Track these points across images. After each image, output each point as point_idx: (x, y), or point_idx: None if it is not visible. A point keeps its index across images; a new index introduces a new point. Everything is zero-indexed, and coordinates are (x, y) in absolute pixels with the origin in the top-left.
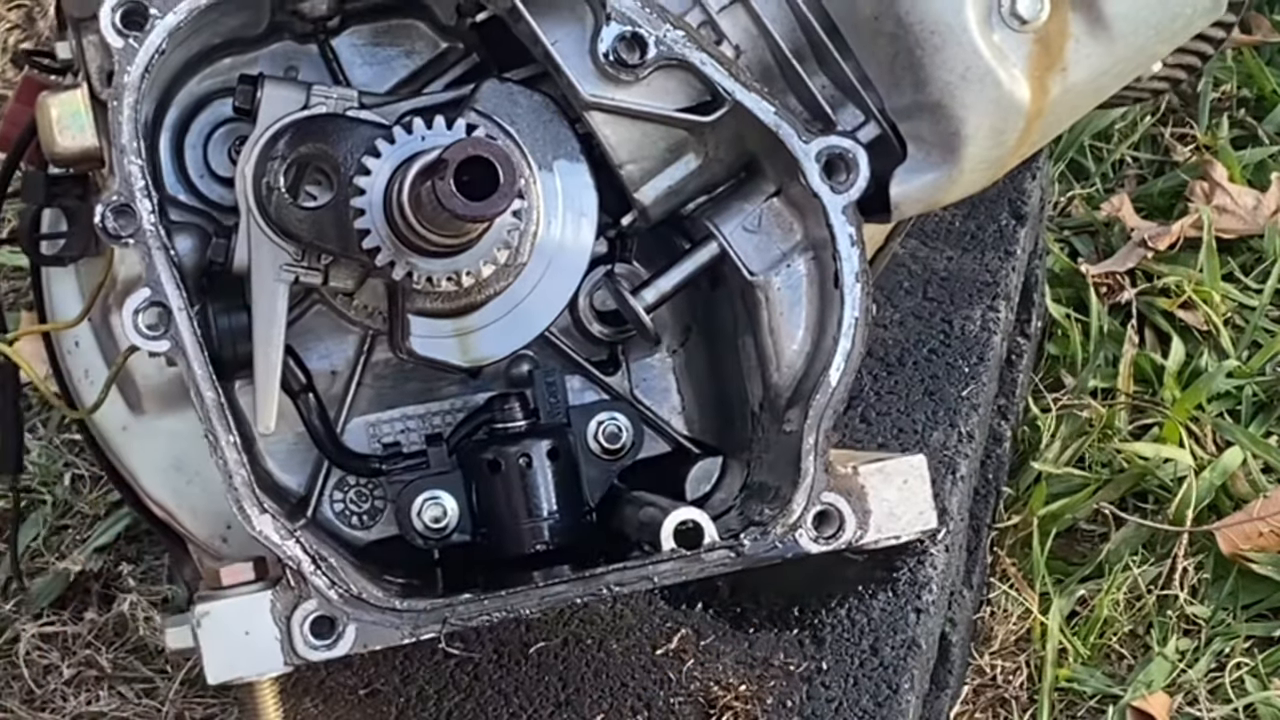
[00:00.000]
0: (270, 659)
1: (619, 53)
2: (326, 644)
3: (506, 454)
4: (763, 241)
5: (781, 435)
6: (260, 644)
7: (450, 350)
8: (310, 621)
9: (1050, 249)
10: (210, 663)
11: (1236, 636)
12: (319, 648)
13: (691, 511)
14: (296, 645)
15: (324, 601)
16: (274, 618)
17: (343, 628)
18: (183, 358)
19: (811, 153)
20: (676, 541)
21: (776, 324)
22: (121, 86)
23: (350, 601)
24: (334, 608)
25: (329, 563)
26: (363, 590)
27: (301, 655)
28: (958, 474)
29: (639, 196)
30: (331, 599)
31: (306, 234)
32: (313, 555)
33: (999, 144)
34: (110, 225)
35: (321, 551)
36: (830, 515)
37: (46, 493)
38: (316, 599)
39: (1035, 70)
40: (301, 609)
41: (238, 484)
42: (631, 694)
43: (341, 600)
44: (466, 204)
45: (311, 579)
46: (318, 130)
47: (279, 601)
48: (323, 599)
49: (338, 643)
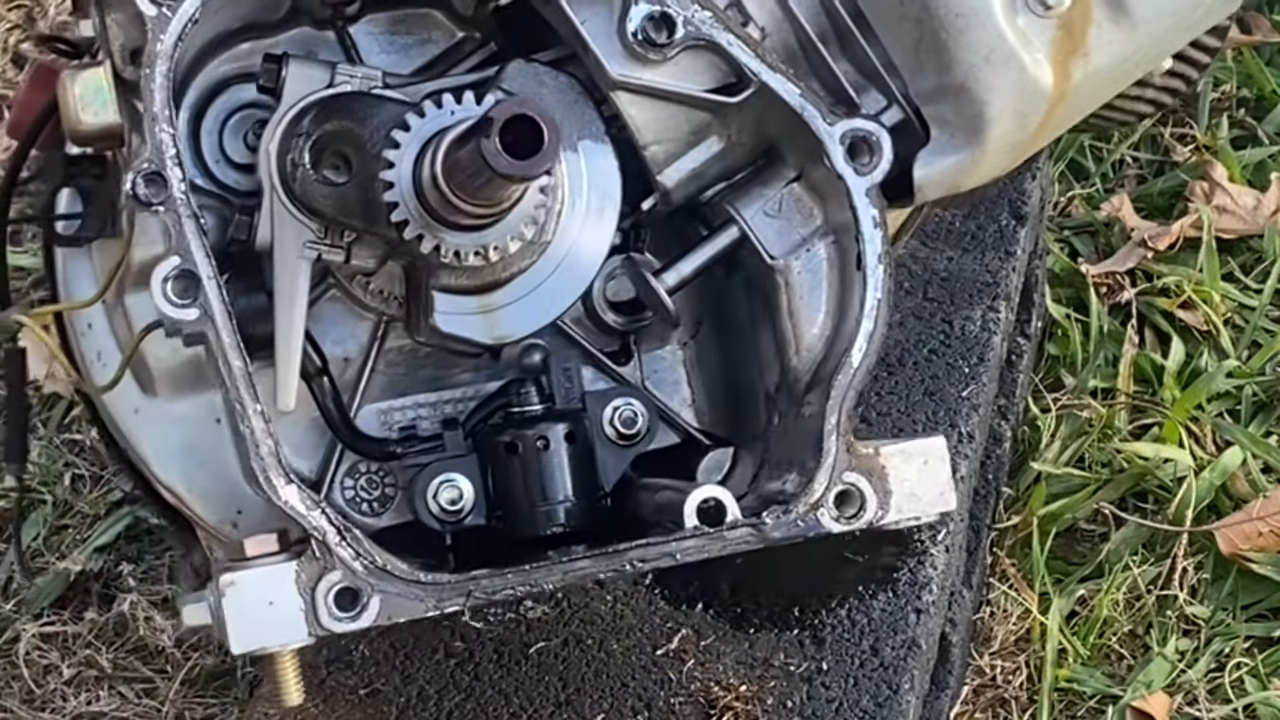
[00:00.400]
0: (294, 630)
1: (647, 32)
2: (350, 615)
3: (524, 436)
4: (783, 226)
5: (799, 420)
6: (284, 615)
7: (474, 327)
8: (335, 593)
9: (1050, 249)
10: (234, 632)
11: (1236, 636)
12: (343, 619)
13: (714, 489)
14: (321, 616)
15: (349, 573)
16: (298, 589)
17: (367, 599)
18: (211, 326)
19: (836, 135)
20: (699, 520)
21: (796, 308)
22: (154, 54)
23: (375, 573)
24: (359, 579)
25: (354, 534)
26: (387, 562)
27: (326, 627)
28: (958, 474)
29: (662, 179)
30: (356, 570)
31: (331, 210)
32: (338, 526)
33: (1022, 127)
34: (141, 192)
35: (346, 523)
36: (852, 495)
37: (46, 492)
38: (341, 570)
39: (1058, 55)
40: (326, 580)
41: (264, 453)
42: (631, 694)
43: (366, 572)
44: (512, 163)
45: (337, 550)
46: (343, 108)
47: (304, 572)
48: (347, 570)
49: (362, 614)
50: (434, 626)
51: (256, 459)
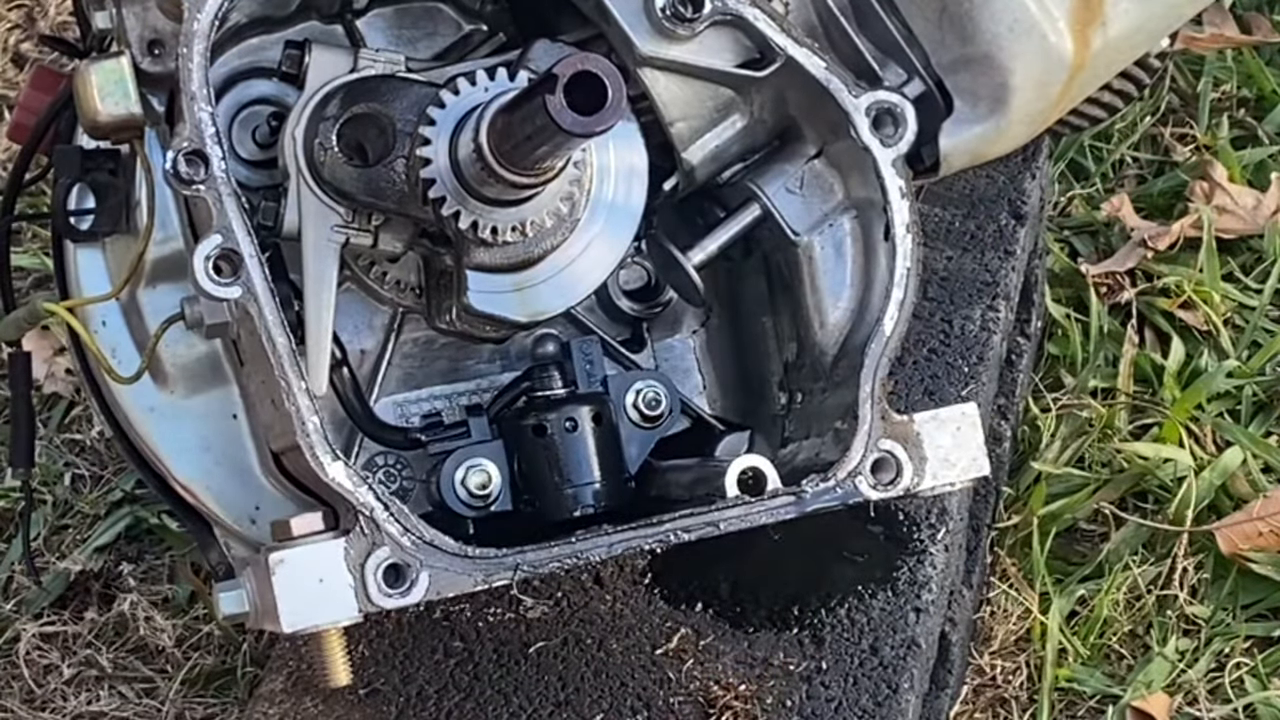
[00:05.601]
0: (344, 607)
1: (675, 7)
2: (400, 591)
3: (551, 419)
4: (805, 202)
5: (825, 395)
6: (334, 592)
7: (508, 305)
8: (384, 569)
9: (1050, 249)
10: (285, 611)
11: (1236, 636)
12: (393, 595)
13: (754, 459)
14: (370, 593)
15: (397, 548)
16: (348, 565)
17: (415, 575)
18: (255, 303)
19: (861, 107)
20: (739, 490)
21: (820, 284)
22: (191, 34)
23: (423, 548)
24: (407, 554)
25: (401, 509)
26: (434, 538)
27: (375, 603)
28: None
29: (687, 156)
30: (405, 546)
31: (362, 193)
32: (385, 503)
33: (1043, 96)
34: (183, 171)
35: (392, 498)
36: (887, 462)
37: (47, 492)
38: (390, 546)
39: (1077, 24)
40: (375, 556)
41: (310, 430)
42: (631, 694)
43: (415, 547)
44: (577, 119)
45: (385, 526)
46: (370, 91)
47: (352, 549)
48: (396, 546)
49: (411, 590)
50: (434, 626)
51: (303, 436)
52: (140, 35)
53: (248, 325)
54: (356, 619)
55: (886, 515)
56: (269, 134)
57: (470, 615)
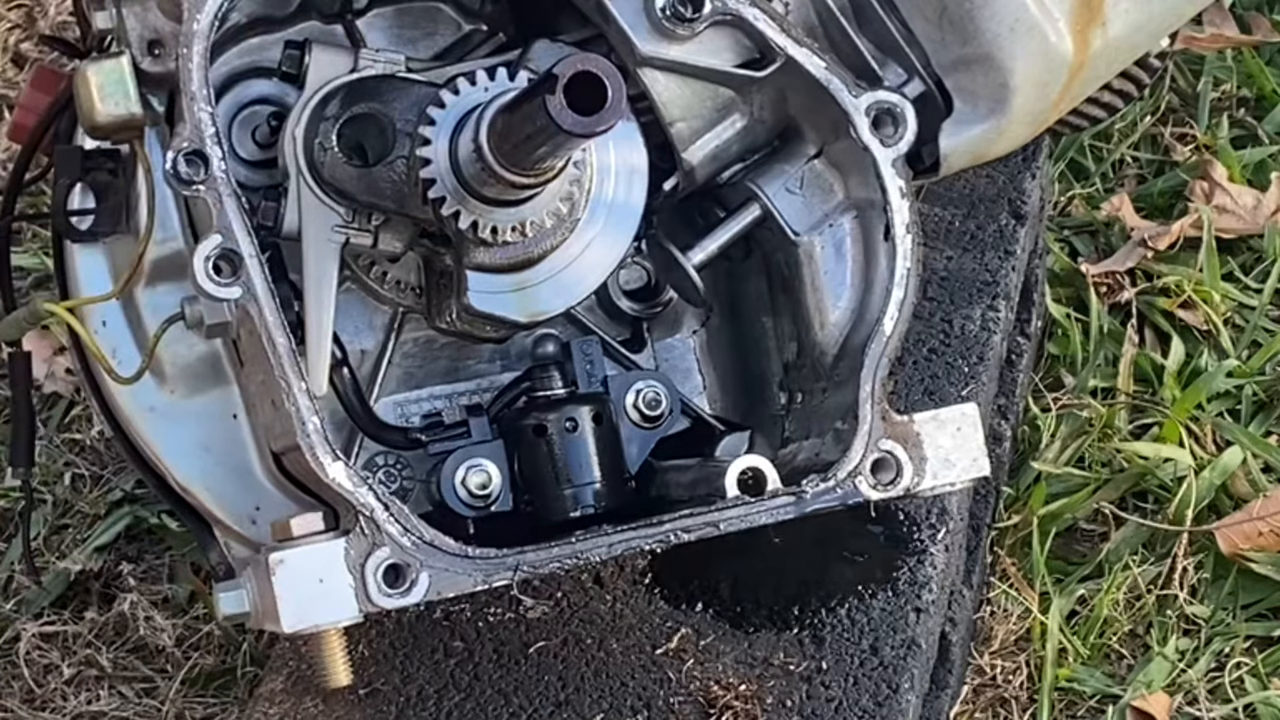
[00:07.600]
0: (345, 607)
1: (675, 7)
2: (400, 591)
3: (551, 419)
4: (805, 203)
5: (825, 395)
6: (334, 592)
7: (508, 305)
8: (384, 569)
9: (1050, 249)
10: (286, 611)
11: (1236, 636)
12: (393, 595)
13: (754, 459)
14: (371, 593)
15: (397, 549)
16: (348, 566)
17: (416, 575)
18: (255, 303)
19: (861, 107)
20: (739, 490)
21: (820, 284)
22: (191, 34)
23: (423, 548)
24: (407, 554)
25: (401, 510)
26: (435, 538)
27: (376, 603)
28: None
29: (687, 156)
30: (405, 546)
31: (362, 193)
32: (385, 503)
33: (1043, 96)
34: (183, 171)
35: (393, 499)
36: (888, 462)
37: (47, 492)
38: (390, 546)
39: (1078, 24)
40: (375, 556)
41: (310, 431)
42: (631, 694)
43: (415, 547)
44: (578, 119)
45: (385, 526)
46: (370, 91)
47: (352, 549)
48: (396, 546)
49: (411, 590)
50: (434, 626)
51: (303, 437)
52: (140, 35)
53: (248, 325)
54: (356, 619)
55: (886, 515)
56: (269, 134)
57: (470, 615)
